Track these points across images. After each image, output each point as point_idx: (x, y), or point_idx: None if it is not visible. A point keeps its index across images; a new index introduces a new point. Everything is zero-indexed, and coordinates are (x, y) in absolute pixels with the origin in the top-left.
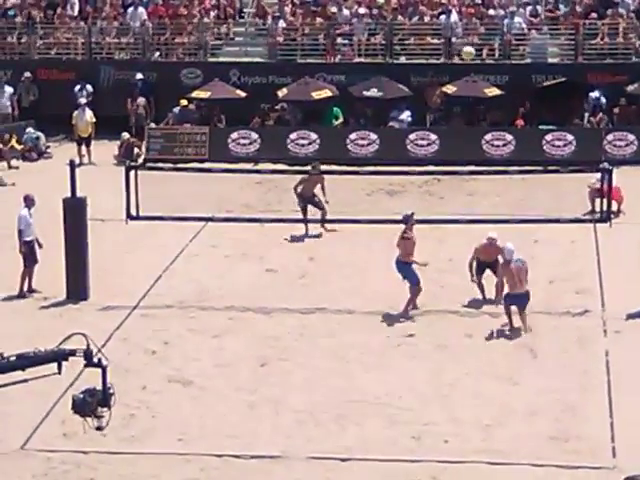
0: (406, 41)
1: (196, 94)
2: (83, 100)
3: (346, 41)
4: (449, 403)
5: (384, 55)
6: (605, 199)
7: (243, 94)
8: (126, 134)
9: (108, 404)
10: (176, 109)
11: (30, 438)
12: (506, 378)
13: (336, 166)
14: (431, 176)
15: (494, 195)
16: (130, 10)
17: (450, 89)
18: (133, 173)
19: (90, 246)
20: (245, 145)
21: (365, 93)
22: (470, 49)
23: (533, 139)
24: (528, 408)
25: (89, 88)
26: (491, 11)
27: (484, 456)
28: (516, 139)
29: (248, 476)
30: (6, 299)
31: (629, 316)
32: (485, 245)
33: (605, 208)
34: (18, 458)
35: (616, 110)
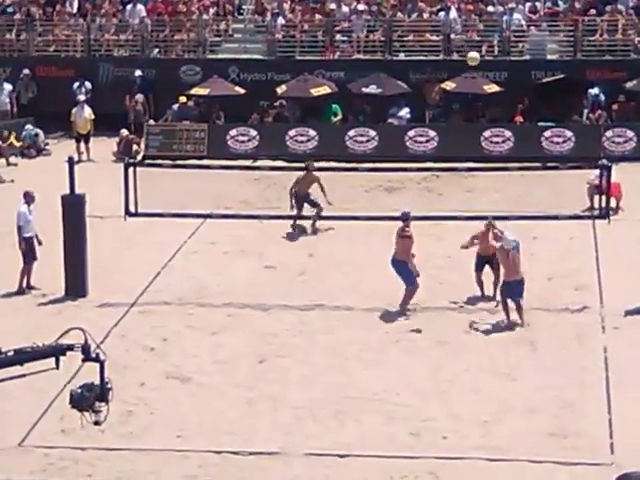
0: (405, 38)
1: (195, 91)
2: (82, 97)
3: (345, 38)
4: (448, 399)
5: (383, 52)
6: (604, 196)
7: (242, 91)
8: (125, 131)
9: (106, 399)
10: (175, 106)
11: (28, 434)
12: (505, 374)
13: (335, 163)
14: (430, 173)
15: (493, 191)
16: (129, 7)
17: (449, 86)
18: (132, 170)
19: (89, 243)
20: (244, 142)
21: (364, 90)
22: (475, 54)
23: (532, 135)
24: (527, 404)
25: (88, 85)
26: (490, 8)
27: (483, 452)
28: (515, 136)
29: (247, 472)
30: (5, 296)
31: (627, 312)
32: (484, 233)
33: (604, 205)
34: (16, 454)
35: (615, 107)
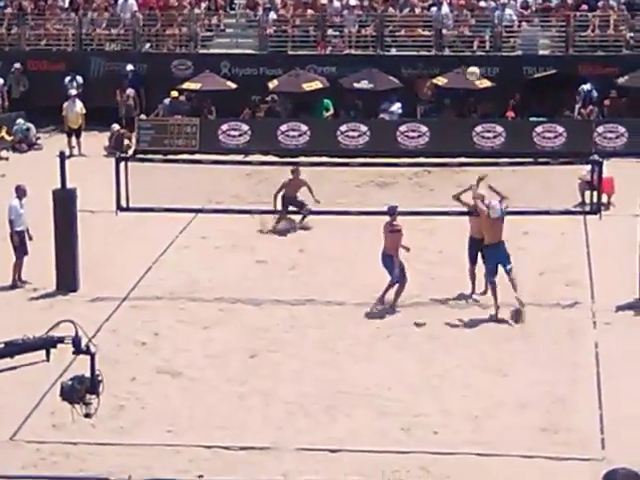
0: (397, 33)
1: (186, 85)
2: (73, 91)
3: (337, 33)
4: (439, 395)
5: (375, 47)
6: (595, 191)
7: (233, 86)
8: (116, 125)
9: (97, 391)
10: (166, 100)
11: (20, 429)
12: (496, 370)
13: (326, 158)
14: (421, 168)
15: (484, 187)
16: (120, 1)
17: (441, 81)
18: (123, 164)
19: (80, 237)
20: (235, 137)
21: (356, 85)
22: (475, 69)
23: (523, 131)
24: (518, 400)
25: (79, 79)
26: (482, 3)
27: (474, 448)
28: (506, 131)
29: (238, 467)
30: None
31: (618, 308)
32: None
33: (595, 200)
34: (7, 449)
35: (607, 102)
